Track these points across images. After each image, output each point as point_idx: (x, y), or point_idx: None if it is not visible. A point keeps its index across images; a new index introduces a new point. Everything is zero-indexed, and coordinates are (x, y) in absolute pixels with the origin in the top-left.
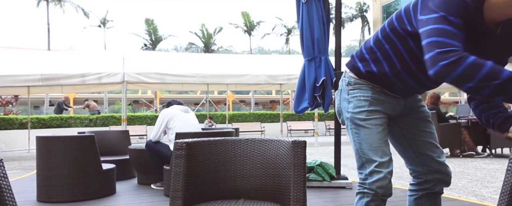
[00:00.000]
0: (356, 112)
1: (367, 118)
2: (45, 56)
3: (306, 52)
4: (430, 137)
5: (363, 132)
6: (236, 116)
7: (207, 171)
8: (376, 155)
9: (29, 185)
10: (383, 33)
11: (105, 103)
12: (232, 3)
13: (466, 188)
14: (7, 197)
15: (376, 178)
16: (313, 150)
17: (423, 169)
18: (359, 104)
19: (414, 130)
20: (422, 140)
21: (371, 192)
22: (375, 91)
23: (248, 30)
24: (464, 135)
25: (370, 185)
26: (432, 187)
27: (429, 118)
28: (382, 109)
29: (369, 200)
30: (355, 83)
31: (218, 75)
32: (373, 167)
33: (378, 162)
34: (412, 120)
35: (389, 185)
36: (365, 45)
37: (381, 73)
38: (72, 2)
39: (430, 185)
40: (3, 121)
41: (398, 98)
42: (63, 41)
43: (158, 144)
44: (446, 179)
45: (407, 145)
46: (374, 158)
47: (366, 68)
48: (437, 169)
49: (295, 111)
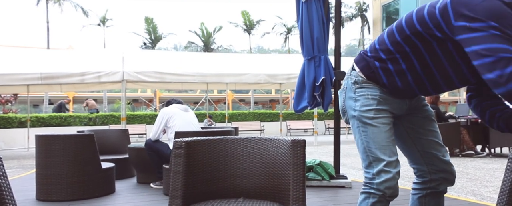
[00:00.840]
0: (364, 110)
1: (375, 116)
2: (44, 55)
3: (305, 51)
4: (434, 136)
5: (370, 131)
6: (236, 115)
7: (206, 170)
8: (384, 154)
9: (28, 183)
10: (402, 35)
11: (104, 101)
12: (232, 2)
13: (465, 187)
14: (6, 196)
15: (385, 178)
16: (313, 149)
17: (428, 168)
18: (367, 102)
19: (419, 129)
20: (427, 139)
21: (378, 193)
22: (383, 91)
23: (247, 29)
24: (464, 134)
25: (378, 185)
26: (437, 186)
27: (433, 117)
28: (389, 108)
29: (376, 201)
30: (363, 82)
31: (217, 74)
32: (381, 166)
33: (386, 161)
34: (417, 119)
35: (396, 186)
36: (380, 45)
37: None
38: (71, 1)
39: (434, 184)
40: (2, 120)
41: (404, 100)
42: (63, 40)
43: (157, 143)
44: (451, 178)
45: (412, 144)
46: (382, 156)
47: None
48: (442, 168)
49: (295, 110)
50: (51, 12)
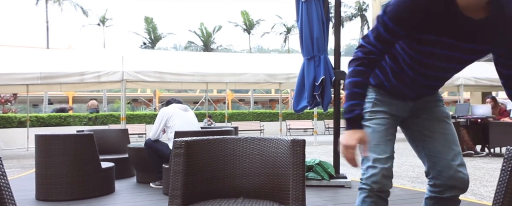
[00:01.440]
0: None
1: (369, 118)
2: (44, 55)
3: (305, 51)
4: (443, 139)
5: (369, 130)
6: (235, 115)
7: (206, 170)
8: (374, 152)
9: (28, 183)
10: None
11: (104, 101)
12: (232, 2)
13: None
14: (6, 196)
15: (371, 173)
16: (312, 149)
17: (433, 173)
18: (367, 104)
19: (426, 131)
20: (433, 142)
21: (367, 187)
22: (379, 94)
23: (247, 29)
24: (463, 134)
25: (366, 180)
26: (441, 192)
27: (445, 118)
28: (386, 109)
29: (366, 196)
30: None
31: (217, 74)
32: (370, 162)
33: (374, 158)
34: (424, 121)
35: (383, 181)
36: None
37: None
38: (71, 1)
39: (439, 190)
40: (2, 119)
41: (407, 101)
42: (62, 40)
43: (157, 143)
44: (458, 185)
45: (420, 147)
46: (372, 154)
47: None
48: (448, 174)
49: (294, 109)
50: (51, 12)
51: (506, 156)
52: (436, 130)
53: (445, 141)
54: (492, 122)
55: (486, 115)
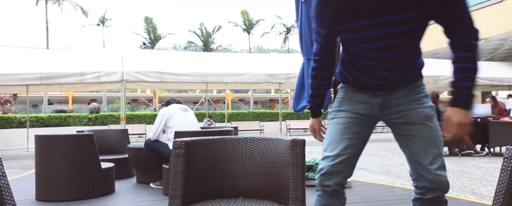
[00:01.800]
0: (329, 112)
1: (333, 116)
2: (43, 55)
3: (305, 51)
4: (420, 142)
5: (328, 129)
6: (235, 115)
7: (206, 170)
8: (325, 149)
9: (28, 184)
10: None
11: (104, 101)
12: (232, 2)
13: (465, 186)
14: (6, 196)
15: (319, 168)
16: (312, 149)
17: (415, 175)
18: (334, 104)
19: (406, 134)
20: (413, 146)
21: (316, 181)
22: (347, 91)
23: (247, 29)
24: None
25: (316, 174)
26: (423, 194)
27: (423, 121)
28: (351, 108)
29: (316, 189)
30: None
31: (217, 74)
32: (321, 158)
33: (324, 155)
34: (402, 125)
35: (324, 177)
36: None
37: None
38: (70, 1)
39: (421, 191)
40: (1, 120)
41: (375, 96)
42: (62, 40)
43: (157, 143)
44: (436, 187)
45: (403, 150)
46: (324, 151)
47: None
48: (426, 177)
49: (294, 109)
50: (51, 12)
51: (506, 156)
52: (415, 134)
53: (424, 144)
54: (492, 122)
55: (485, 115)
